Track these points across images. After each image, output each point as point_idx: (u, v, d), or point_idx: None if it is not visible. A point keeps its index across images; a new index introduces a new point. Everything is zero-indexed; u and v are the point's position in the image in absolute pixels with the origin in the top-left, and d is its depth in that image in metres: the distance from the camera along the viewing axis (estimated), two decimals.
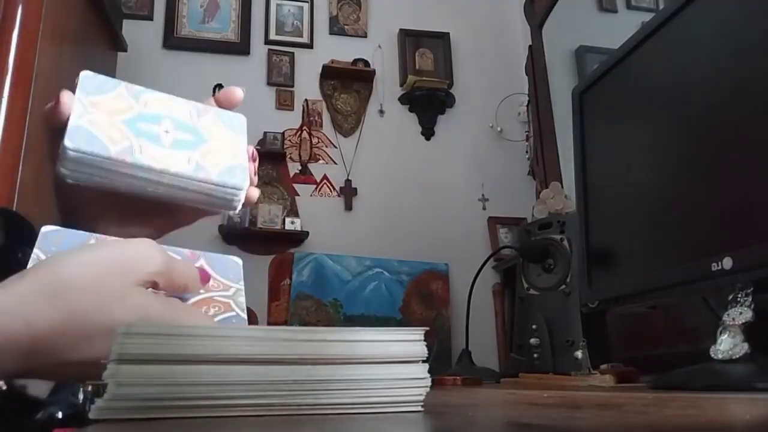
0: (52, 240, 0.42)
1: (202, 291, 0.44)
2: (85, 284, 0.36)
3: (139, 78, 2.72)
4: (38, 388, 0.48)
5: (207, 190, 0.47)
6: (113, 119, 0.44)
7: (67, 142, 0.42)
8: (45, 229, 0.42)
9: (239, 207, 0.49)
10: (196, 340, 0.33)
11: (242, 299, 0.47)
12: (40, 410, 0.46)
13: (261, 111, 2.61)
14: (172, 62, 2.63)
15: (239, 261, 0.49)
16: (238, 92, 0.52)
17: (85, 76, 0.46)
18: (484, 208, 2.73)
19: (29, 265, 0.39)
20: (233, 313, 0.46)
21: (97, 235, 0.44)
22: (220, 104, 0.52)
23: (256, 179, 0.51)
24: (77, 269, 0.36)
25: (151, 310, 0.37)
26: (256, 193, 0.51)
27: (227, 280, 0.47)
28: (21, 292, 0.35)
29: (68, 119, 0.43)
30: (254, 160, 0.51)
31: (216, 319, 0.44)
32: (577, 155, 1.09)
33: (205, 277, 0.44)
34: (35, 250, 0.41)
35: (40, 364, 0.35)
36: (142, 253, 0.39)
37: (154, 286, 0.39)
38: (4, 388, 0.35)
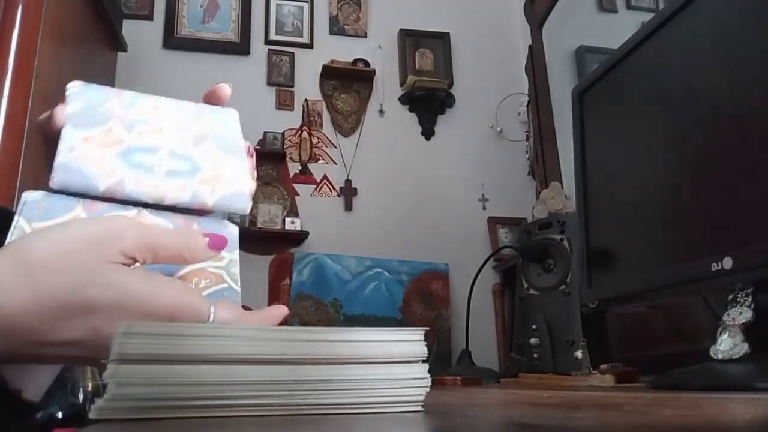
0: (36, 208, 0.41)
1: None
2: (55, 264, 0.35)
3: (139, 78, 2.71)
4: (32, 392, 0.47)
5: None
6: (104, 153, 0.43)
7: (53, 180, 0.41)
8: (28, 196, 0.41)
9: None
10: (196, 340, 0.33)
11: (236, 270, 0.45)
12: (30, 413, 0.46)
13: (261, 111, 2.61)
14: (172, 62, 2.63)
15: (235, 229, 0.48)
16: (225, 89, 0.51)
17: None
18: (484, 208, 2.73)
19: (13, 236, 0.39)
20: (224, 285, 0.44)
21: (84, 200, 0.42)
22: (209, 102, 0.51)
23: (255, 174, 0.51)
24: (46, 250, 0.36)
25: (129, 287, 0.36)
26: (252, 187, 0.50)
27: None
28: None
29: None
30: (251, 156, 0.50)
31: (205, 293, 0.43)
32: (577, 155, 1.09)
33: (219, 243, 0.42)
34: (20, 219, 0.40)
35: (19, 346, 0.35)
36: (113, 230, 0.37)
37: (136, 261, 0.38)
38: None
